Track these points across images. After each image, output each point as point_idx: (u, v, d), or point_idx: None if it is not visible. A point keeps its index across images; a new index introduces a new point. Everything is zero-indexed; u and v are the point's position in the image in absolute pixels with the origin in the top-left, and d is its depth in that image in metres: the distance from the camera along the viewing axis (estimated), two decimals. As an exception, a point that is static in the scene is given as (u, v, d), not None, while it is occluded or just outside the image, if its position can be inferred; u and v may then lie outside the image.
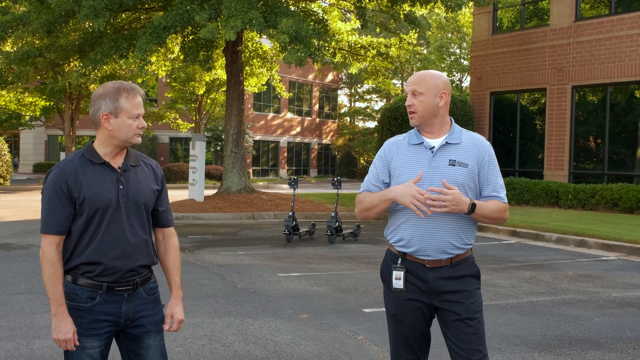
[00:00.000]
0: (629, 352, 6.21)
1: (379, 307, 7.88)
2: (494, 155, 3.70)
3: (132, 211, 3.32)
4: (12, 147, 51.52)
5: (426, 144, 3.62)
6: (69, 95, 34.53)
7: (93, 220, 3.24)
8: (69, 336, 3.19)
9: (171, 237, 3.58)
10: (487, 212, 3.54)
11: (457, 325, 3.54)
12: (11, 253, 11.60)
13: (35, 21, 18.24)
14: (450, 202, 3.38)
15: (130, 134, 3.28)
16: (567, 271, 10.68)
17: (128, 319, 3.35)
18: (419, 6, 19.47)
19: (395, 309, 3.64)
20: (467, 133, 3.69)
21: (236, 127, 21.41)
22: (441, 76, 3.68)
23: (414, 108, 3.62)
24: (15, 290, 8.50)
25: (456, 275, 3.55)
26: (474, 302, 3.56)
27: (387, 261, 3.72)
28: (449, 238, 3.53)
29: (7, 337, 6.35)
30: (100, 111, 3.25)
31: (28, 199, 24.23)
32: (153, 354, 3.43)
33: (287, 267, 10.71)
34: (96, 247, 3.23)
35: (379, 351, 6.15)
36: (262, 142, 52.60)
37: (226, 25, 15.94)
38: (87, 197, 3.20)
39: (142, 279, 3.39)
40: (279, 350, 6.09)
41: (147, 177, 3.43)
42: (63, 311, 3.21)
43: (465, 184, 3.54)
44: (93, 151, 3.30)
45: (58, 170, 3.24)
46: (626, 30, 19.83)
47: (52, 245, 3.20)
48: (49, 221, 3.21)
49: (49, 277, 3.18)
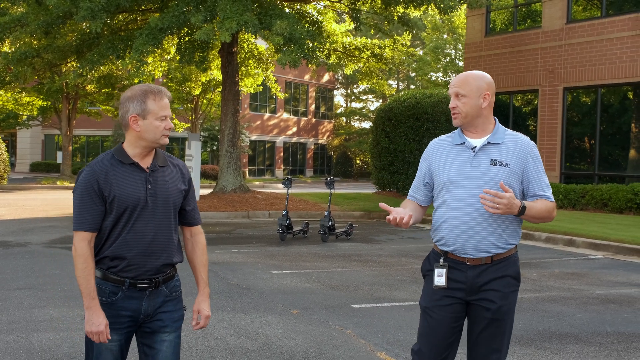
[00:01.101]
0: (607, 345, 6.44)
1: (368, 303, 8.13)
2: (538, 154, 3.72)
3: (159, 210, 3.41)
4: (9, 146, 51.64)
5: (468, 143, 3.67)
6: (66, 95, 34.79)
7: (122, 218, 3.33)
8: (102, 328, 3.26)
9: (198, 235, 3.66)
10: (535, 213, 3.57)
11: (484, 324, 3.62)
12: (9, 250, 11.81)
13: (33, 22, 18.45)
14: (504, 206, 3.40)
15: (157, 135, 3.37)
16: (554, 269, 10.93)
17: (147, 315, 3.43)
18: (412, 8, 19.71)
19: (429, 302, 3.69)
20: (511, 133, 3.73)
21: (231, 127, 21.63)
22: (484, 77, 3.73)
23: (457, 110, 3.66)
24: (13, 286, 8.70)
25: (496, 274, 3.60)
26: (507, 304, 3.61)
27: (430, 258, 3.78)
28: (488, 237, 3.57)
29: (7, 331, 6.56)
30: (129, 113, 3.35)
31: (25, 198, 24.42)
32: (167, 349, 3.49)
33: (280, 264, 10.94)
34: (120, 244, 3.32)
35: (366, 344, 6.37)
36: (259, 142, 52.82)
37: (221, 27, 16.17)
38: (116, 196, 3.29)
39: (165, 277, 3.47)
40: (269, 344, 6.31)
41: (175, 177, 3.51)
42: (95, 304, 3.28)
43: (507, 183, 3.56)
44: (123, 152, 3.39)
45: (89, 170, 3.33)
46: (617, 33, 20.09)
47: (84, 242, 3.29)
48: (82, 219, 3.30)
49: (81, 272, 3.27)
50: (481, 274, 3.59)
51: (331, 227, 14.03)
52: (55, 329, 6.64)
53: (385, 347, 6.29)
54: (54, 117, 38.83)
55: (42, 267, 10.20)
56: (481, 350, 3.65)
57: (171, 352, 3.50)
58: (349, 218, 19.03)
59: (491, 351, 3.63)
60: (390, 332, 6.80)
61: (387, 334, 6.75)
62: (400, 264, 11.23)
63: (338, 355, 6.00)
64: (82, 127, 47.79)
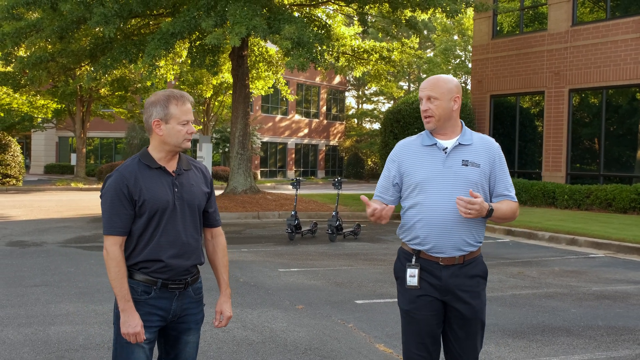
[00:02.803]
0: (596, 338, 6.73)
1: (371, 299, 8.45)
2: (503, 155, 3.83)
3: (186, 213, 3.49)
4: (24, 148, 52.24)
5: (439, 144, 3.72)
6: (80, 98, 35.26)
7: (152, 221, 3.40)
8: (138, 330, 3.34)
9: (219, 237, 3.75)
10: (501, 214, 3.69)
11: (460, 323, 3.71)
12: (26, 250, 12.20)
13: (48, 27, 18.91)
14: (476, 211, 3.49)
15: (180, 139, 3.44)
16: (554, 267, 11.20)
17: (175, 315, 3.52)
18: (420, 12, 20.01)
19: (408, 305, 3.73)
20: (477, 135, 3.81)
21: (242, 129, 22.00)
22: (453, 80, 3.77)
23: (430, 112, 3.69)
24: (31, 283, 9.08)
25: (467, 274, 3.68)
26: (479, 302, 3.72)
27: (401, 259, 3.82)
28: (463, 236, 3.65)
29: (25, 324, 6.93)
30: (152, 118, 3.43)
31: (40, 199, 24.85)
32: (190, 350, 3.62)
33: (287, 263, 11.28)
34: (155, 247, 3.40)
35: (366, 337, 6.69)
36: (270, 144, 53.13)
37: (231, 32, 16.54)
38: (146, 199, 3.36)
39: (192, 278, 3.57)
40: (274, 336, 6.65)
41: (199, 180, 3.60)
42: (130, 306, 3.35)
43: (479, 183, 3.66)
44: (149, 156, 3.47)
45: (118, 175, 3.40)
46: (621, 35, 20.33)
47: (115, 246, 3.35)
48: (113, 223, 3.36)
49: (115, 275, 3.34)
50: (453, 274, 3.66)
51: (339, 227, 14.35)
52: (71, 323, 7.00)
53: (384, 339, 6.61)
54: (68, 119, 39.31)
55: (58, 265, 10.58)
56: (458, 349, 3.75)
57: (193, 352, 3.64)
58: (357, 218, 19.33)
59: (467, 348, 3.74)
60: (390, 326, 7.11)
61: (387, 327, 7.06)
62: (404, 263, 11.51)
63: (339, 347, 6.32)
64: (96, 130, 48.27)
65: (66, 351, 6.02)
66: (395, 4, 19.79)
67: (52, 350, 6.05)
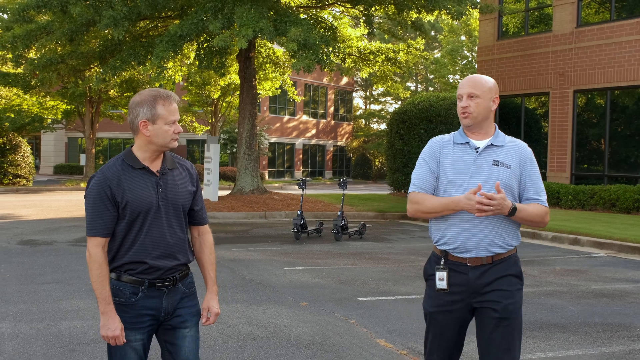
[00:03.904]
0: (592, 334, 6.91)
1: (374, 296, 8.65)
2: (535, 160, 3.76)
3: (171, 213, 3.44)
4: (33, 149, 52.57)
5: (472, 143, 3.70)
6: (89, 99, 35.56)
7: (135, 222, 3.36)
8: (117, 333, 3.31)
9: (206, 235, 3.70)
10: (526, 215, 3.59)
11: (493, 324, 3.59)
12: (37, 248, 12.44)
13: (58, 30, 19.20)
14: (494, 207, 3.43)
15: (167, 139, 3.39)
16: (555, 266, 11.37)
17: (168, 312, 3.49)
18: (425, 13, 20.20)
19: (433, 307, 3.71)
20: (510, 138, 3.78)
21: (249, 130, 22.22)
22: (491, 80, 3.77)
23: (470, 109, 3.67)
24: (42, 281, 9.32)
25: (497, 274, 3.60)
26: (513, 303, 3.60)
27: (431, 262, 3.79)
28: (491, 236, 3.59)
29: (37, 319, 7.15)
30: (138, 118, 3.36)
31: (50, 199, 25.13)
32: (188, 344, 3.55)
33: (293, 261, 11.49)
34: (139, 248, 3.36)
35: (368, 332, 6.88)
36: (278, 144, 53.30)
37: (238, 34, 16.76)
38: (129, 201, 3.32)
39: (181, 275, 3.52)
40: (278, 331, 6.86)
41: (184, 179, 3.54)
42: (111, 309, 3.32)
43: (508, 184, 3.60)
44: (132, 156, 3.42)
45: (101, 175, 3.35)
46: (625, 37, 20.47)
47: (98, 247, 3.31)
48: (95, 224, 3.32)
49: (96, 277, 3.30)
50: (482, 275, 3.59)
51: (344, 227, 14.54)
52: (81, 318, 7.23)
53: (385, 334, 6.80)
54: (77, 120, 39.65)
55: (68, 263, 10.82)
56: (493, 352, 3.61)
57: (193, 346, 3.57)
58: (363, 218, 19.52)
59: (503, 352, 3.59)
60: (391, 322, 7.31)
61: (388, 323, 7.26)
62: (408, 261, 11.73)
63: (340, 342, 6.52)
64: (105, 130, 48.58)
65: (77, 345, 6.24)
66: (400, 5, 19.97)
67: (63, 343, 6.27)
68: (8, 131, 31.52)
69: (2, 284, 9.03)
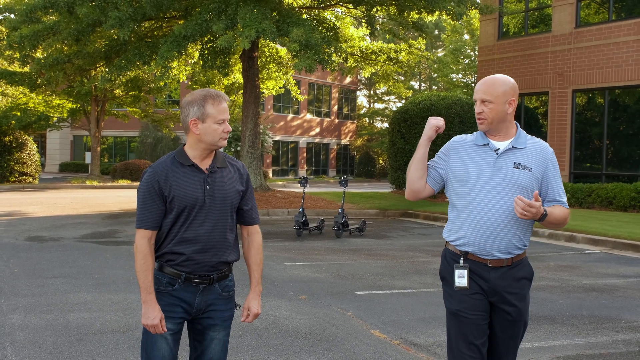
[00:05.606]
0: (578, 326, 7.19)
1: (371, 290, 8.94)
2: (556, 161, 3.77)
3: (217, 210, 3.52)
4: (39, 147, 52.86)
5: (492, 145, 3.70)
6: (95, 98, 35.84)
7: (181, 216, 3.48)
8: (157, 322, 3.42)
9: (255, 235, 3.75)
10: (553, 219, 3.62)
11: (505, 325, 3.72)
12: (44, 244, 12.75)
13: (64, 30, 19.51)
14: (533, 214, 3.47)
15: (216, 137, 3.49)
16: (549, 262, 11.65)
17: (199, 310, 3.57)
18: (426, 14, 20.46)
19: (458, 305, 3.70)
20: (532, 138, 3.76)
21: (252, 129, 22.52)
22: (509, 82, 3.72)
23: (484, 115, 3.68)
24: (50, 275, 9.62)
25: (514, 276, 3.66)
26: (524, 305, 3.72)
27: (447, 260, 3.79)
28: (511, 239, 3.62)
29: (46, 311, 7.46)
30: (189, 117, 3.48)
31: (56, 197, 25.41)
32: (215, 347, 3.63)
33: (294, 257, 11.78)
34: (180, 240, 3.48)
35: (363, 324, 7.18)
36: (282, 143, 53.49)
37: (241, 35, 17.05)
38: (176, 196, 3.45)
39: (219, 275, 3.59)
40: (277, 323, 7.15)
41: (233, 178, 3.61)
42: (152, 299, 3.44)
43: (528, 186, 3.61)
44: (183, 154, 3.55)
45: (151, 171, 3.51)
46: (623, 37, 20.72)
47: (144, 239, 3.46)
48: (143, 217, 3.47)
49: (140, 267, 3.44)
50: (502, 277, 3.64)
51: (345, 224, 14.81)
52: (88, 310, 7.53)
53: (379, 326, 7.10)
54: (83, 119, 39.90)
55: (75, 258, 11.12)
56: (499, 351, 3.78)
57: (219, 349, 3.65)
58: (364, 216, 19.77)
59: (508, 351, 3.77)
60: (386, 314, 7.60)
61: (383, 315, 7.56)
62: (406, 257, 12.01)
63: (336, 332, 6.82)
64: (110, 129, 48.82)
65: (85, 335, 6.54)
66: (401, 6, 20.24)
67: (71, 334, 6.57)
68: (14, 129, 31.82)
69: (12, 278, 9.34)
